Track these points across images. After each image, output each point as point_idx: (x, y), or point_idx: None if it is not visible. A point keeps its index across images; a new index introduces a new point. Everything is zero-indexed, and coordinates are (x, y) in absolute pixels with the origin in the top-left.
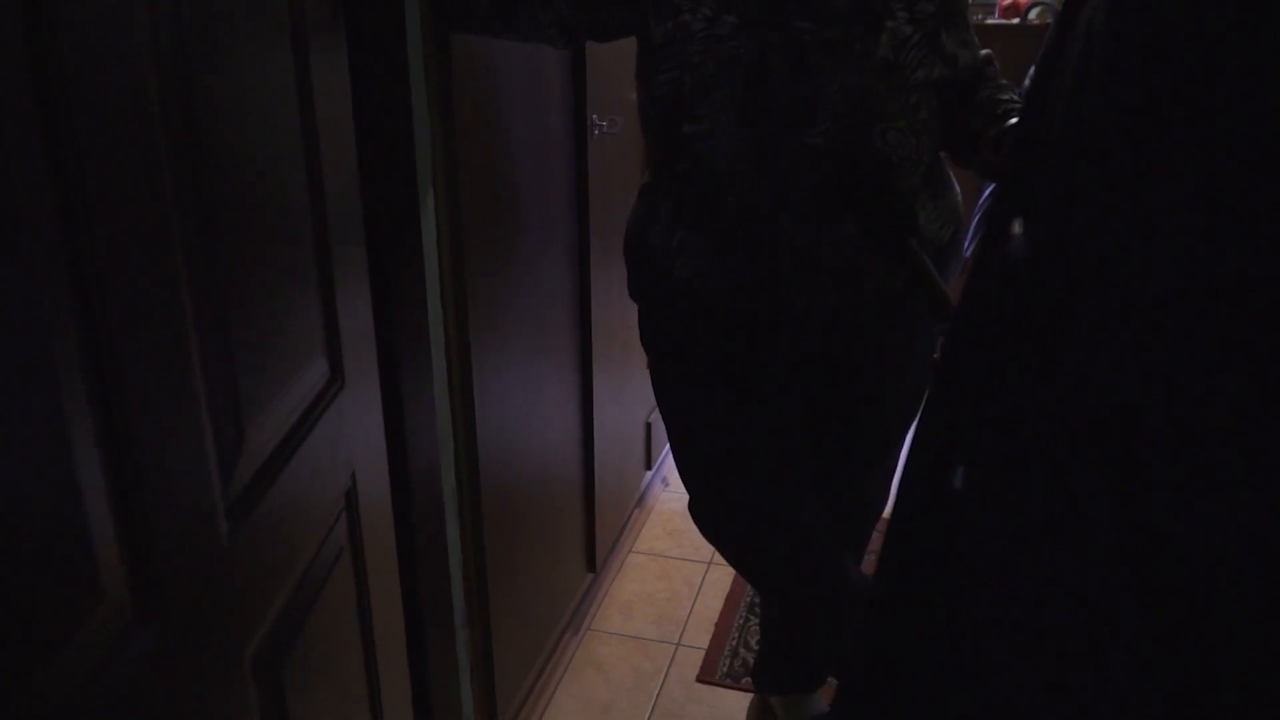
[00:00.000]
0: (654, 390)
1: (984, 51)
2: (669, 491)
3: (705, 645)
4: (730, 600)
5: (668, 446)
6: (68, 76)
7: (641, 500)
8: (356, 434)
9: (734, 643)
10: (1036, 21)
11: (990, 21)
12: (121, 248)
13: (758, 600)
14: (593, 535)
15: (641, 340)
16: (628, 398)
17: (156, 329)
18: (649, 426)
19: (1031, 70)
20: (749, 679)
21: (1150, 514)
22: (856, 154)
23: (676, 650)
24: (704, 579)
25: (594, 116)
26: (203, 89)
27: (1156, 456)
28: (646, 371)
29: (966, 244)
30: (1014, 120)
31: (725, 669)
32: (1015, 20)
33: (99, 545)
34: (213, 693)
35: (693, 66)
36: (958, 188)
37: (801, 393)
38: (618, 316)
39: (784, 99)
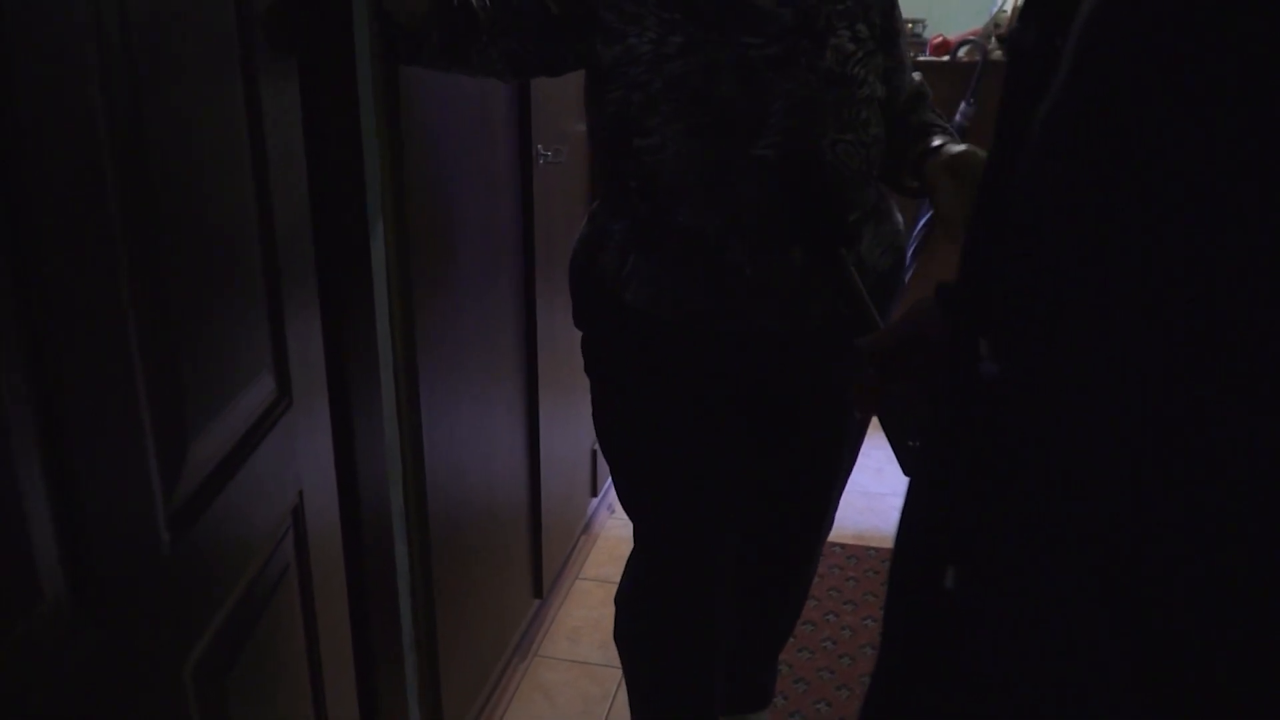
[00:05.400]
0: (595, 419)
1: (917, 75)
2: (615, 519)
3: None
4: None
5: None
6: (15, 101)
7: (588, 527)
8: (304, 452)
9: None
10: (965, 59)
11: (921, 59)
12: (65, 264)
13: None
14: (539, 561)
15: (586, 369)
16: (574, 425)
17: (99, 343)
18: (594, 454)
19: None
20: None
21: (1149, 619)
22: (805, 165)
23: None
24: None
25: (539, 146)
26: (151, 117)
27: (1156, 572)
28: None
29: (906, 274)
30: (937, 141)
31: None
32: (945, 58)
33: (37, 544)
34: (153, 700)
35: (641, 85)
36: (899, 217)
37: (751, 421)
38: (563, 343)
39: (732, 113)
